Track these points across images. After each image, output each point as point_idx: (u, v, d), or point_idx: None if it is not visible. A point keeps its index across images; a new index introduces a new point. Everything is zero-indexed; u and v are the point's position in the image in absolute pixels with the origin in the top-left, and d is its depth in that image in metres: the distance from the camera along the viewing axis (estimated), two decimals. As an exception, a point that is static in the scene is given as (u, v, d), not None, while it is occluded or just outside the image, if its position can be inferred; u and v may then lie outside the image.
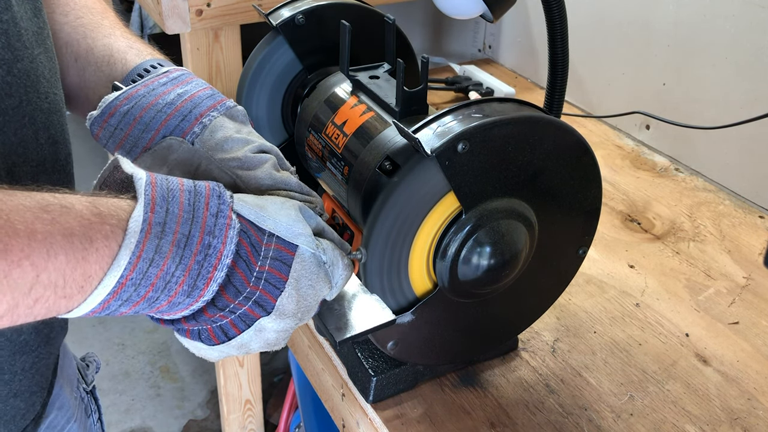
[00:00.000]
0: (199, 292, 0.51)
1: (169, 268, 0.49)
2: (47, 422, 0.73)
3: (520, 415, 0.76)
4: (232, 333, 0.55)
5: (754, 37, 1.09)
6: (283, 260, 0.54)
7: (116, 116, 0.63)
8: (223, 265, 0.51)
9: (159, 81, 0.65)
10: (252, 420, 1.75)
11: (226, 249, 0.51)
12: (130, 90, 0.64)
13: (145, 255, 0.48)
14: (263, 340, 0.56)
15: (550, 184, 0.69)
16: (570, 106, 1.44)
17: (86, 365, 0.88)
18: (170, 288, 0.49)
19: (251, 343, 0.56)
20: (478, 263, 0.67)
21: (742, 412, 0.78)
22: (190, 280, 0.50)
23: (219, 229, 0.51)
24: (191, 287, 0.50)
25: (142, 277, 0.48)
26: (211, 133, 0.62)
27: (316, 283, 0.56)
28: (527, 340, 0.86)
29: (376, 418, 0.76)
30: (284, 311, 0.55)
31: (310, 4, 0.84)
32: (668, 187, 1.19)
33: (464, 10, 0.85)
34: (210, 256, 0.50)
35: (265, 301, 0.54)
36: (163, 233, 0.48)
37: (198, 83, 0.66)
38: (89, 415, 0.86)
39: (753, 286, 0.97)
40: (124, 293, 0.48)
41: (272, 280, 0.54)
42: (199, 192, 0.51)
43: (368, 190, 0.71)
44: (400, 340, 0.71)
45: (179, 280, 0.49)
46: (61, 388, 0.76)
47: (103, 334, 2.44)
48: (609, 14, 1.33)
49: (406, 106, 0.72)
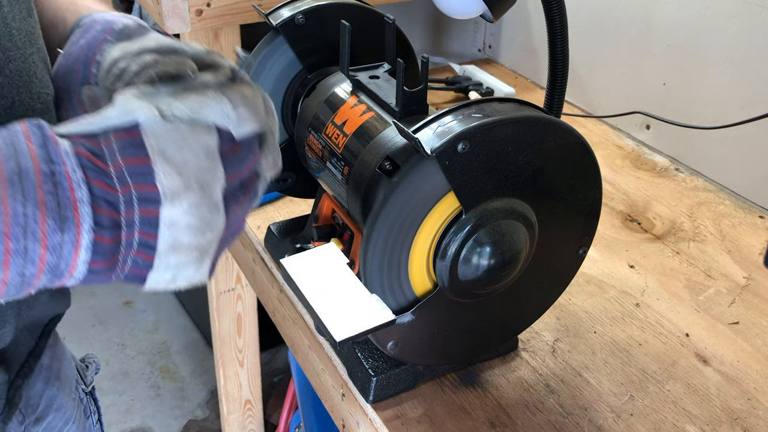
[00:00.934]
0: (73, 221, 0.45)
1: (15, 209, 0.43)
2: (45, 423, 0.73)
3: (520, 415, 0.76)
4: (152, 242, 0.48)
5: (754, 37, 1.09)
6: (132, 145, 0.47)
7: (58, 95, 0.62)
8: (77, 183, 0.45)
9: (72, 41, 0.63)
10: (252, 420, 1.75)
11: (68, 166, 0.45)
12: (56, 67, 0.62)
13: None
14: (186, 229, 0.49)
15: (550, 184, 0.69)
16: (570, 106, 1.44)
17: (86, 366, 0.88)
18: (33, 230, 0.44)
19: (180, 238, 0.49)
20: (478, 263, 0.67)
21: (742, 412, 0.78)
22: (52, 213, 0.44)
23: (52, 152, 0.45)
24: (58, 220, 0.45)
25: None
26: (103, 66, 0.59)
27: (185, 140, 0.48)
28: (527, 340, 0.86)
29: (376, 418, 0.76)
30: (173, 191, 0.48)
31: (310, 4, 0.84)
32: (668, 187, 1.19)
33: (464, 10, 0.85)
34: (59, 183, 0.45)
35: (147, 193, 0.47)
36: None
37: (96, 21, 0.62)
38: (88, 416, 0.86)
39: (753, 286, 0.97)
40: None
41: (136, 170, 0.47)
42: (14, 131, 0.46)
43: (368, 190, 0.71)
44: (400, 340, 0.71)
45: (37, 217, 0.44)
46: (59, 390, 0.76)
47: (103, 334, 2.44)
48: (609, 14, 1.33)
49: (406, 106, 0.72)
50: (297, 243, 0.86)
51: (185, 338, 2.44)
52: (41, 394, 0.74)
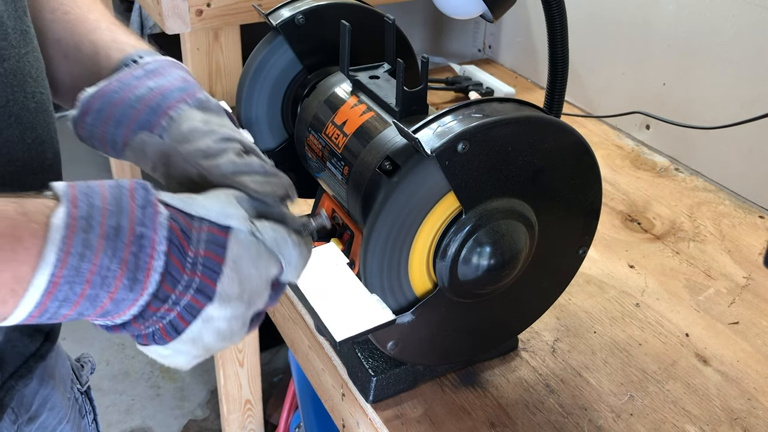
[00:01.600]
0: (142, 285, 0.49)
1: (102, 261, 0.47)
2: (38, 422, 0.73)
3: (520, 415, 0.76)
4: (181, 327, 0.52)
5: (754, 37, 1.09)
6: (216, 243, 0.52)
7: (91, 114, 0.62)
8: (159, 253, 0.49)
9: (133, 74, 0.64)
10: (252, 420, 1.75)
11: (158, 236, 0.49)
12: (104, 86, 0.63)
13: (73, 250, 0.46)
14: (215, 331, 0.54)
15: (550, 184, 0.69)
16: (570, 106, 1.44)
17: (81, 366, 0.87)
18: (108, 283, 0.48)
19: (203, 336, 0.54)
20: (478, 263, 0.67)
21: (742, 412, 0.78)
22: (129, 273, 0.48)
23: (148, 218, 0.49)
24: (132, 280, 0.49)
25: (75, 273, 0.46)
26: (179, 125, 0.61)
27: (258, 262, 0.54)
28: (527, 340, 0.86)
29: (376, 418, 0.76)
30: (227, 295, 0.53)
31: (310, 4, 0.84)
32: (668, 187, 1.19)
33: (464, 10, 0.85)
34: (144, 247, 0.49)
35: (206, 287, 0.52)
36: (89, 227, 0.47)
37: (173, 75, 0.65)
38: (84, 416, 0.85)
39: (753, 286, 0.97)
40: (59, 292, 0.47)
41: (209, 264, 0.52)
42: (122, 188, 0.50)
43: (368, 190, 0.71)
44: (400, 340, 0.71)
45: (116, 273, 0.48)
46: (53, 389, 0.76)
47: (104, 334, 2.43)
48: (609, 14, 1.33)
49: (406, 106, 0.72)
50: (297, 243, 0.86)
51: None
52: (35, 393, 0.74)
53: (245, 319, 0.55)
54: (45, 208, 0.47)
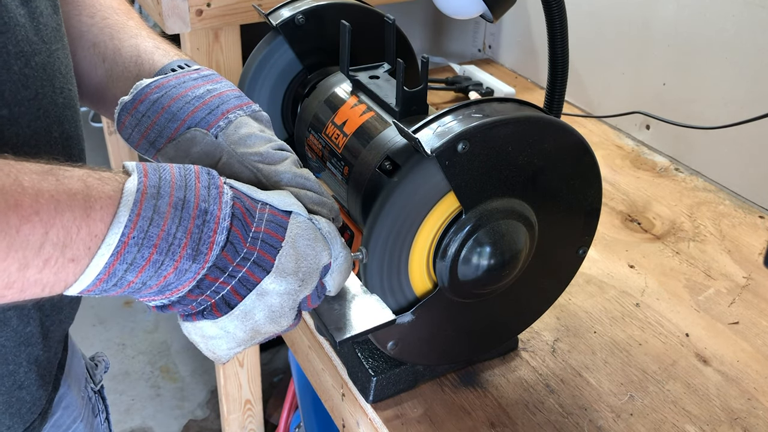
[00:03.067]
0: (204, 257, 0.51)
1: (170, 228, 0.50)
2: (53, 420, 0.73)
3: (520, 415, 0.76)
4: (235, 301, 0.54)
5: (754, 37, 1.09)
6: (278, 222, 0.55)
7: (146, 103, 0.63)
8: (222, 228, 0.52)
9: (190, 76, 0.66)
10: (252, 420, 1.75)
11: (223, 212, 0.52)
12: (162, 80, 0.64)
13: (144, 213, 0.49)
14: (267, 307, 0.55)
15: (550, 184, 0.69)
16: (570, 106, 1.44)
17: (95, 365, 0.88)
18: (174, 251, 0.50)
19: (255, 311, 0.55)
20: (478, 263, 0.67)
21: (742, 412, 0.78)
22: (193, 243, 0.51)
23: (213, 197, 0.52)
24: (195, 251, 0.51)
25: (144, 236, 0.48)
26: (236, 128, 0.63)
27: (315, 243, 0.57)
28: (527, 340, 0.86)
29: (376, 418, 0.76)
30: (284, 269, 0.55)
31: (310, 4, 0.84)
32: (668, 187, 1.19)
33: (464, 10, 0.85)
34: (208, 221, 0.51)
35: (263, 260, 0.54)
36: (158, 195, 0.50)
37: (227, 84, 0.67)
38: (96, 415, 0.86)
39: (753, 286, 0.97)
40: (127, 254, 0.48)
41: (269, 240, 0.54)
42: (188, 169, 0.53)
43: (368, 190, 0.71)
44: (400, 340, 0.71)
45: (182, 242, 0.50)
46: (69, 387, 0.76)
47: (104, 334, 2.44)
48: (609, 14, 1.33)
49: (406, 106, 0.72)
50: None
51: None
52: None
53: (296, 299, 0.57)
54: (118, 177, 0.50)
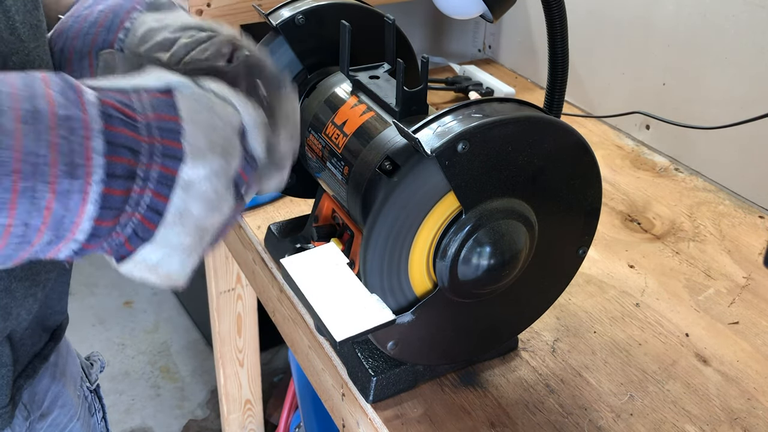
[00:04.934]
0: (83, 169, 0.43)
1: (26, 146, 0.41)
2: (50, 420, 0.73)
3: (520, 415, 0.76)
4: (162, 205, 0.46)
5: (754, 37, 1.09)
6: (164, 103, 0.47)
7: (55, 55, 0.62)
8: (95, 132, 0.44)
9: (83, 6, 0.63)
10: (252, 420, 1.75)
11: (89, 114, 0.44)
12: (60, 25, 0.62)
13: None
14: (199, 198, 0.48)
15: (550, 184, 0.69)
16: (570, 106, 1.44)
17: (90, 364, 0.88)
18: (42, 171, 0.42)
19: (190, 207, 0.48)
20: (478, 263, 0.67)
21: (742, 412, 0.78)
22: (63, 158, 0.42)
23: (71, 100, 0.44)
24: (69, 165, 0.43)
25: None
26: (134, 33, 0.60)
27: (215, 109, 0.49)
28: (527, 340, 0.86)
29: (376, 418, 0.76)
30: (197, 149, 0.47)
31: (310, 4, 0.84)
32: (668, 187, 1.19)
33: (464, 10, 0.85)
34: (75, 128, 0.43)
35: (170, 149, 0.46)
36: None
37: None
38: (93, 414, 0.86)
39: (753, 286, 0.97)
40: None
41: (165, 126, 0.46)
42: (32, 76, 0.44)
43: (368, 190, 0.71)
44: (400, 340, 0.71)
45: (47, 159, 0.42)
46: (64, 386, 0.76)
47: (103, 333, 2.44)
48: (609, 14, 1.33)
49: (406, 106, 0.72)
50: (297, 243, 0.86)
51: (185, 338, 2.44)
52: (47, 390, 0.74)
53: (228, 176, 0.49)
54: None
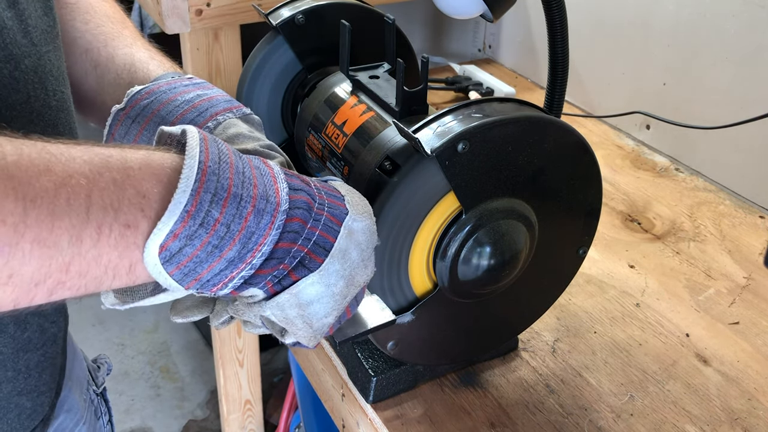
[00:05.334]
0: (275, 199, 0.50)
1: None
2: (56, 424, 0.73)
3: (520, 415, 0.76)
4: (329, 243, 0.53)
5: (754, 37, 1.09)
6: (334, 195, 0.55)
7: (136, 109, 0.63)
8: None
9: (181, 82, 0.66)
10: (252, 420, 1.75)
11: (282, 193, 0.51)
12: (152, 86, 0.64)
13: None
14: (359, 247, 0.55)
15: (550, 184, 0.69)
16: (570, 106, 1.44)
17: (97, 367, 0.88)
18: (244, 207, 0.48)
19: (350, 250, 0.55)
20: (478, 263, 0.67)
21: (743, 412, 0.78)
22: (261, 189, 0.49)
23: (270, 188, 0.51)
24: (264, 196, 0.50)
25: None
26: (224, 129, 0.63)
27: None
28: (527, 340, 0.86)
29: (376, 418, 0.76)
30: (355, 209, 0.55)
31: (310, 4, 0.84)
32: (668, 187, 1.19)
33: (464, 10, 0.85)
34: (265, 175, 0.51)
35: (335, 207, 0.54)
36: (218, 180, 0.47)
37: (219, 90, 0.67)
38: (99, 417, 0.86)
39: (753, 286, 0.97)
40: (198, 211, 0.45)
41: (332, 194, 0.55)
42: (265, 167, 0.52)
43: (368, 190, 0.70)
44: (400, 340, 0.71)
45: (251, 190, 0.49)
46: (70, 391, 0.76)
47: (103, 333, 2.44)
48: (609, 14, 1.33)
49: (406, 106, 0.72)
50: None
51: (185, 338, 2.44)
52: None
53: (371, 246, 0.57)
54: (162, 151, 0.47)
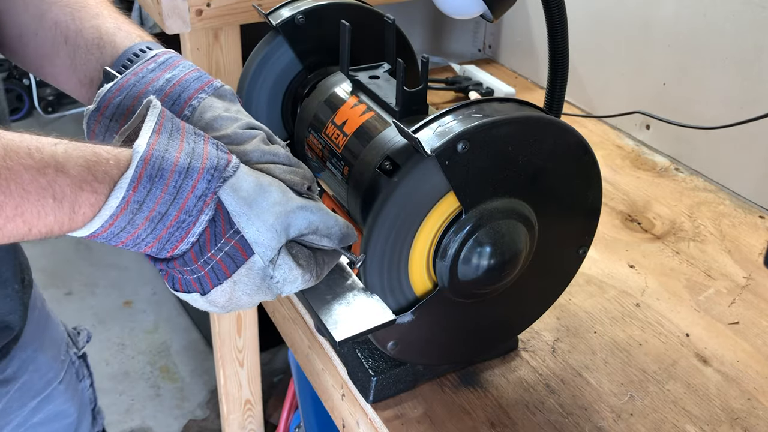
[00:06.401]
0: (166, 253, 0.56)
1: (140, 234, 0.54)
2: (18, 385, 0.76)
3: (520, 415, 0.76)
4: (188, 287, 0.59)
5: (754, 37, 1.09)
6: (234, 258, 0.57)
7: (110, 108, 0.63)
8: (188, 242, 0.56)
9: (147, 68, 0.65)
10: (252, 420, 1.75)
11: (195, 228, 0.55)
12: (121, 80, 0.64)
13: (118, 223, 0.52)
14: (203, 307, 0.60)
15: (550, 184, 0.69)
16: (570, 106, 1.44)
17: (78, 333, 0.91)
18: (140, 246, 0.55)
19: (197, 303, 0.60)
20: (478, 263, 0.67)
21: (742, 412, 0.78)
22: (159, 245, 0.55)
23: (196, 210, 0.55)
24: (158, 250, 0.56)
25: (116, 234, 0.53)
26: (201, 114, 0.63)
27: (254, 294, 0.59)
28: (527, 340, 0.86)
29: (376, 418, 0.76)
30: (215, 301, 0.58)
31: (310, 4, 0.84)
32: (668, 187, 1.19)
33: (464, 10, 0.85)
34: (180, 230, 0.55)
35: (206, 283, 0.58)
36: (139, 210, 0.53)
37: (185, 66, 0.67)
38: (81, 380, 0.87)
39: (753, 286, 0.97)
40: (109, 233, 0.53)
41: (217, 270, 0.57)
42: (190, 174, 0.54)
43: (368, 190, 0.70)
44: (400, 340, 0.71)
45: (149, 243, 0.55)
46: (35, 351, 0.78)
47: (104, 333, 2.44)
48: (609, 14, 1.33)
49: (406, 106, 0.72)
50: (297, 243, 0.86)
51: (185, 338, 2.44)
52: (10, 358, 0.76)
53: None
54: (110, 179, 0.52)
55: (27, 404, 0.78)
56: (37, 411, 0.80)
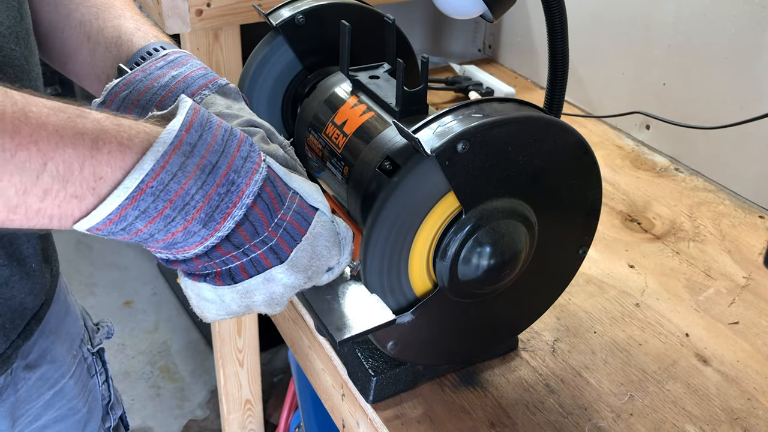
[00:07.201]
0: (216, 225, 0.51)
1: (189, 188, 0.49)
2: (39, 373, 0.77)
3: (520, 415, 0.77)
4: (240, 277, 0.55)
5: (754, 37, 1.09)
6: (303, 216, 0.56)
7: (116, 102, 0.64)
8: (243, 204, 0.52)
9: (156, 65, 0.67)
10: (252, 420, 1.75)
11: (249, 189, 0.52)
12: (129, 76, 0.65)
13: (169, 167, 0.48)
14: (269, 293, 0.57)
15: (550, 184, 0.69)
16: (570, 106, 1.44)
17: (97, 329, 0.91)
18: (188, 211, 0.50)
19: (256, 293, 0.56)
20: (478, 263, 0.67)
21: (742, 412, 0.78)
22: (209, 209, 0.51)
23: (246, 170, 0.52)
24: (208, 216, 0.51)
25: (163, 189, 0.48)
26: None
27: (332, 246, 0.59)
28: (527, 340, 0.86)
29: (376, 418, 0.76)
30: (297, 264, 0.56)
31: (310, 4, 0.84)
32: (668, 187, 1.19)
33: (464, 10, 0.85)
34: (232, 192, 0.51)
35: (281, 249, 0.55)
36: (191, 153, 0.49)
37: (193, 64, 0.68)
38: (93, 376, 0.88)
39: (753, 286, 0.97)
40: (142, 202, 0.48)
41: (291, 231, 0.55)
42: (234, 134, 0.53)
43: (368, 190, 0.71)
44: (400, 340, 0.71)
45: (198, 204, 0.50)
46: (52, 343, 0.79)
47: (103, 334, 2.44)
48: (609, 14, 1.33)
49: (406, 106, 0.72)
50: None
51: (185, 338, 2.44)
52: (33, 344, 0.77)
53: (296, 291, 0.59)
54: (143, 126, 0.49)
55: (43, 395, 0.79)
56: (49, 406, 0.80)
